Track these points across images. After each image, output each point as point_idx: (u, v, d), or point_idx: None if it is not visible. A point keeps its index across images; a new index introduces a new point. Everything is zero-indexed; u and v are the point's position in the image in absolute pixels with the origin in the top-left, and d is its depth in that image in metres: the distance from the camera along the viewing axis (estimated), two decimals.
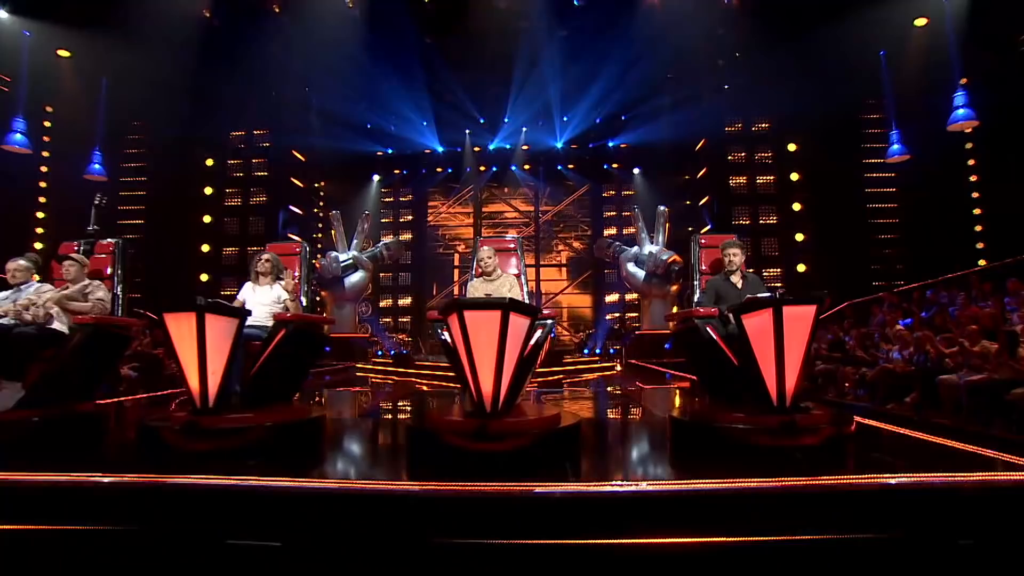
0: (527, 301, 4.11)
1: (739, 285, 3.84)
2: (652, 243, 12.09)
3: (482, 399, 3.17)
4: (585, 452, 3.39)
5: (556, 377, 8.91)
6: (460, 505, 2.49)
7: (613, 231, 15.55)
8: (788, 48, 10.78)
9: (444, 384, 8.26)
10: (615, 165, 15.61)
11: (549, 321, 3.59)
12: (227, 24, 9.72)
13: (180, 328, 3.24)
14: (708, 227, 12.63)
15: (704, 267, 4.30)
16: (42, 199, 11.05)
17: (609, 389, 7.90)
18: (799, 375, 3.11)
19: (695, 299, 4.04)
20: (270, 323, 3.74)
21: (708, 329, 3.52)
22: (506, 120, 14.42)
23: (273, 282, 4.04)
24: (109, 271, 4.40)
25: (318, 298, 12.14)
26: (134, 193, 12.38)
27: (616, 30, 11.41)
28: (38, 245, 10.92)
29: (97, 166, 9.94)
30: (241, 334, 3.44)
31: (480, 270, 4.01)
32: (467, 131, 14.97)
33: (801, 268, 11.80)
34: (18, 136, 8.49)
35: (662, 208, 11.55)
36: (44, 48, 9.23)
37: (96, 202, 4.44)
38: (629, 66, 12.16)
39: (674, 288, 11.99)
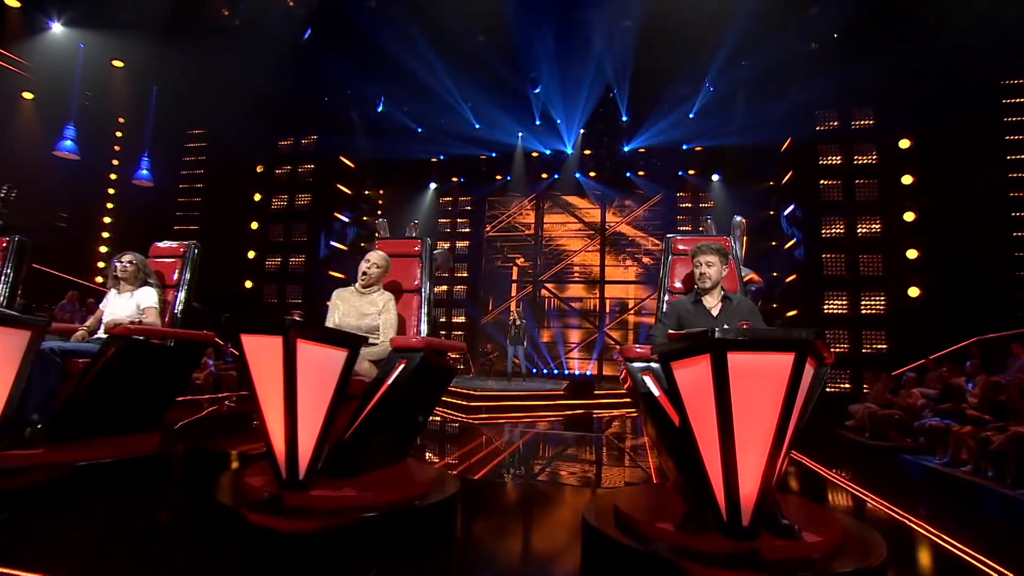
0: (424, 326, 3.10)
1: (714, 311, 2.56)
2: None
3: (275, 459, 2.23)
4: (434, 551, 2.31)
5: (578, 412, 7.69)
6: None
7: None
8: (901, 19, 8.78)
9: (455, 413, 7.38)
10: (691, 171, 13.93)
11: (416, 354, 2.56)
12: (268, 27, 9.75)
13: None
14: (792, 240, 10.69)
15: (679, 283, 3.03)
16: (109, 205, 11.81)
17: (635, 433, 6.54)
18: (767, 468, 1.82)
19: (651, 331, 2.79)
20: None
21: (646, 379, 2.31)
22: (559, 121, 13.39)
23: (137, 289, 3.39)
24: None
25: None
26: (191, 200, 12.94)
27: (686, 16, 10.01)
28: (103, 249, 11.62)
29: (144, 172, 10.36)
30: (35, 351, 2.78)
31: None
32: (519, 134, 14.12)
33: (913, 292, 9.49)
34: (68, 143, 8.97)
35: (738, 218, 9.81)
36: (100, 59, 9.82)
37: (2, 195, 4.09)
38: (703, 56, 10.68)
39: None
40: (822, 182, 10.31)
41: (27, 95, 10.03)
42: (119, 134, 11.84)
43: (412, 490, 2.50)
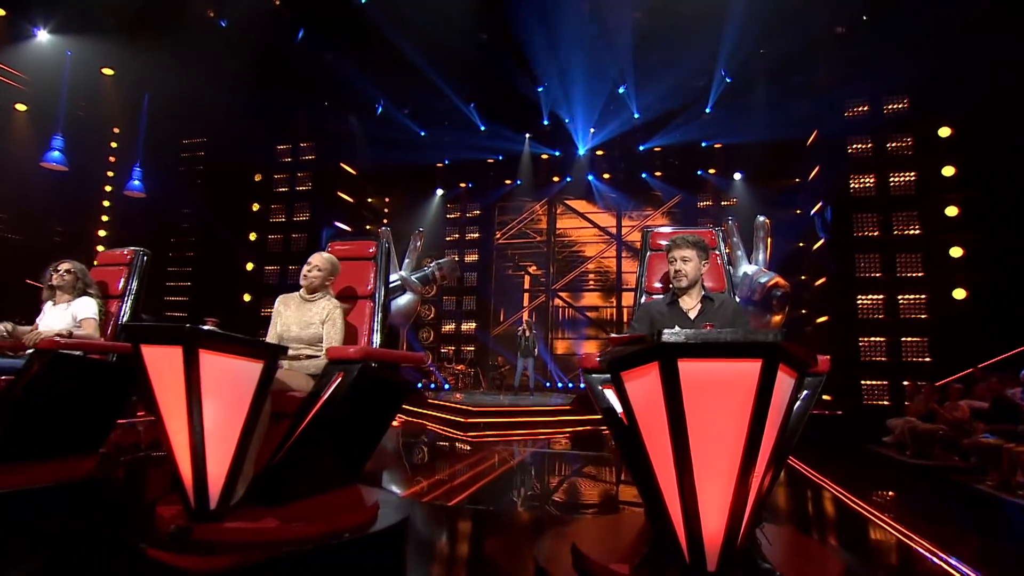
0: (376, 336, 2.92)
1: (692, 313, 2.32)
2: (751, 262, 10.09)
3: (183, 488, 2.06)
4: None
5: (586, 429, 7.41)
6: None
7: None
8: None
9: (450, 431, 7.19)
10: (711, 171, 13.60)
11: (354, 366, 2.38)
12: (258, 30, 9.82)
13: None
14: (821, 240, 10.27)
15: (658, 283, 2.79)
16: (104, 217, 12.00)
17: None
18: (736, 499, 1.58)
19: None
20: None
21: (607, 393, 2.09)
22: (567, 120, 13.21)
23: (75, 299, 3.28)
24: None
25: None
26: (187, 211, 13.08)
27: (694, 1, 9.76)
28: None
29: (136, 182, 10.48)
30: None
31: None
32: (527, 135, 13.97)
33: (959, 294, 8.99)
34: (55, 154, 9.10)
35: (761, 219, 9.58)
36: (89, 67, 9.99)
37: None
38: (716, 45, 10.41)
39: (776, 318, 9.84)
40: (852, 176, 9.91)
41: (20, 107, 10.25)
42: (114, 144, 12.05)
43: (349, 519, 2.31)
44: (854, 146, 10.01)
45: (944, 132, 9.58)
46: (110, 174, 12.05)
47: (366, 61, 11.47)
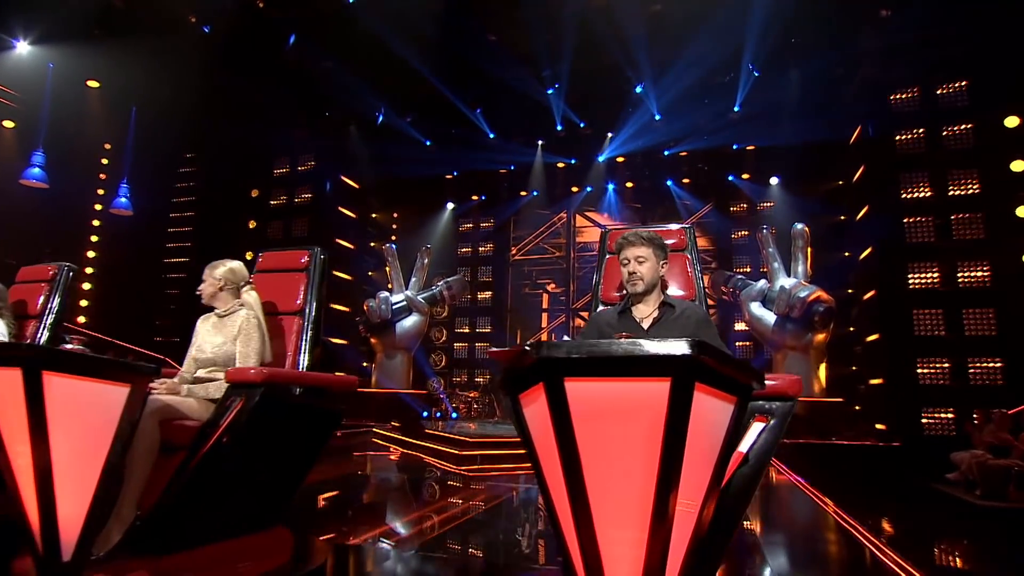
0: (303, 357, 2.77)
1: (646, 323, 2.09)
2: (789, 274, 9.67)
3: (30, 533, 1.92)
4: None
5: None
6: None
7: (747, 268, 13.08)
8: None
9: (446, 464, 7.00)
10: (744, 175, 13.25)
11: (255, 390, 2.22)
12: (245, 37, 10.01)
13: None
14: (869, 249, 9.80)
15: (616, 292, 2.57)
16: (94, 237, 12.31)
17: None
18: (651, 558, 1.34)
19: None
20: None
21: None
22: (582, 125, 13.05)
23: None
24: None
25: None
26: (181, 229, 13.35)
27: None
28: (86, 285, 12.08)
29: (123, 200, 10.71)
30: None
31: None
32: (539, 142, 13.87)
33: None
34: (35, 171, 9.35)
35: (799, 227, 9.26)
36: (73, 79, 10.33)
37: None
38: (743, 35, 10.17)
39: (819, 337, 9.38)
40: (903, 175, 9.45)
41: (7, 123, 10.63)
42: (104, 161, 12.39)
43: (250, 569, 2.13)
44: (903, 140, 9.56)
45: (1011, 122, 9.08)
46: (100, 192, 12.38)
47: (362, 66, 11.55)
